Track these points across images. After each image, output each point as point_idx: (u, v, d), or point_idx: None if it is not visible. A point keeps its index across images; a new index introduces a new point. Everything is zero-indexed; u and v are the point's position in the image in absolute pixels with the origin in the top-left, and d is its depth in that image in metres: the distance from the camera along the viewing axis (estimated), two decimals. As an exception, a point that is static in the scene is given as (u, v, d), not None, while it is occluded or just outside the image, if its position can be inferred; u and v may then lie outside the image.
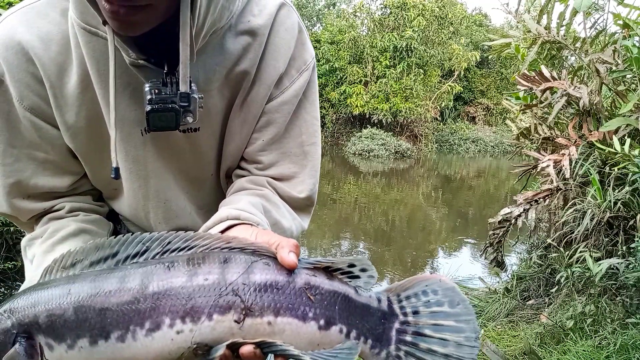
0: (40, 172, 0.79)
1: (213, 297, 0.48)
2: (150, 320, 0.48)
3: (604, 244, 2.85)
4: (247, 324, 0.49)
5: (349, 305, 0.52)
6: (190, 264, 0.50)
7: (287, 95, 0.85)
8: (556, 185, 3.19)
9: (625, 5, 3.08)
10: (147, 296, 0.48)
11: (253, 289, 0.49)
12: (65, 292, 0.50)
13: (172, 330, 0.48)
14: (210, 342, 0.48)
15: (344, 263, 0.53)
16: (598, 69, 2.98)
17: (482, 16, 24.79)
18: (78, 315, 0.49)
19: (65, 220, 0.82)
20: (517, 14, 3.67)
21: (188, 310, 0.48)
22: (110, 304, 0.49)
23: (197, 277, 0.49)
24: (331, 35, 18.70)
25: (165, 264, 0.50)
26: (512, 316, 3.51)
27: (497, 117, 21.75)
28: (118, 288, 0.49)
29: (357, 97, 17.67)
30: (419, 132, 19.03)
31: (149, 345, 0.48)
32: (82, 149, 0.79)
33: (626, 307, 2.60)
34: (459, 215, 8.62)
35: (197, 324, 0.48)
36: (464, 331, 0.51)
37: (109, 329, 0.48)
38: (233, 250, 0.52)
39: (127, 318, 0.48)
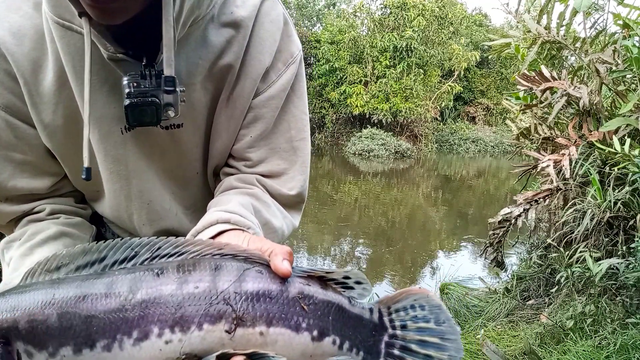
0: (18, 174, 0.75)
1: (204, 306, 0.47)
2: (138, 329, 0.46)
3: (604, 244, 2.85)
4: (239, 334, 0.47)
5: (342, 316, 0.51)
6: (180, 270, 0.49)
7: (275, 89, 0.82)
8: (556, 185, 3.19)
9: (625, 5, 3.08)
10: (136, 304, 0.46)
11: (245, 297, 0.48)
12: (49, 296, 0.47)
13: (160, 340, 0.46)
14: (200, 352, 0.47)
15: (339, 274, 0.52)
16: (598, 69, 2.98)
17: (482, 16, 24.79)
18: (62, 321, 0.46)
19: (45, 222, 0.79)
20: (517, 14, 3.67)
21: (177, 320, 0.46)
22: (97, 311, 0.46)
23: (188, 285, 0.48)
24: (331, 35, 18.70)
25: (155, 270, 0.48)
26: (512, 316, 3.51)
27: (497, 117, 21.75)
28: (105, 294, 0.47)
29: (357, 97, 17.67)
30: (419, 132, 19.03)
31: (136, 356, 0.46)
32: (60, 148, 0.76)
33: (626, 307, 2.60)
34: (459, 215, 8.62)
35: (187, 334, 0.46)
36: (448, 350, 0.51)
37: (95, 337, 0.46)
38: (225, 257, 0.51)
39: (114, 326, 0.46)
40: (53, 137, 0.74)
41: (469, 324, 3.66)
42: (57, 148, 0.76)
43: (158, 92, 0.65)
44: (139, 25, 0.62)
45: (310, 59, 20.10)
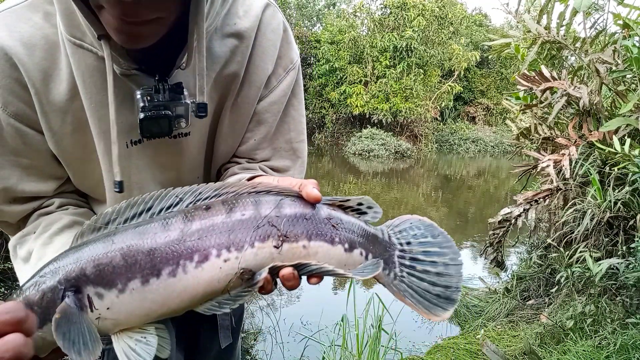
0: (25, 178, 0.77)
1: (252, 228, 0.54)
2: (199, 253, 0.52)
3: (604, 244, 2.85)
4: (285, 249, 0.55)
5: (364, 234, 0.60)
6: (225, 205, 0.55)
7: (276, 94, 0.86)
8: (556, 185, 3.19)
9: (625, 5, 3.08)
10: (193, 233, 0.53)
11: (286, 219, 0.55)
12: (108, 243, 0.52)
13: (219, 259, 0.53)
14: (254, 267, 0.54)
15: (354, 201, 0.61)
16: (598, 69, 2.98)
17: (482, 16, 24.79)
18: (127, 259, 0.51)
19: (57, 214, 0.81)
20: (517, 14, 3.67)
21: (232, 241, 0.53)
22: (158, 244, 0.52)
23: (235, 214, 0.55)
24: (331, 35, 18.69)
25: (203, 206, 0.55)
26: (512, 316, 3.51)
27: (497, 117, 21.76)
28: (163, 229, 0.53)
29: (357, 97, 17.67)
30: (419, 132, 19.02)
31: (199, 276, 0.52)
32: (67, 155, 0.78)
33: (626, 307, 2.60)
34: (459, 215, 8.62)
35: (242, 252, 0.53)
36: (448, 254, 0.63)
37: (160, 266, 0.51)
38: (260, 193, 0.58)
39: (176, 254, 0.52)
40: (60, 144, 0.76)
41: (469, 324, 3.66)
42: (63, 154, 0.77)
43: (171, 106, 0.69)
44: (156, 44, 0.64)
45: (310, 59, 20.10)
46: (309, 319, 3.63)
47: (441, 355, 2.95)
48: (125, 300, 0.52)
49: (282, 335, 3.34)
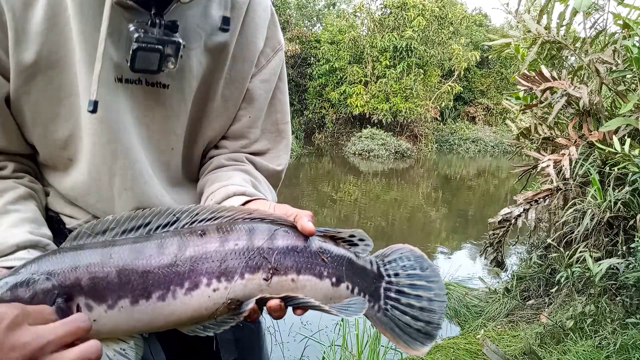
0: None
1: (244, 259, 0.55)
2: (190, 280, 0.53)
3: (604, 244, 2.85)
4: (274, 282, 0.56)
5: (352, 267, 0.60)
6: (220, 231, 0.56)
7: (266, 73, 0.87)
8: (556, 185, 3.19)
9: (625, 5, 3.08)
10: (186, 259, 0.54)
11: (277, 252, 0.56)
12: (106, 256, 0.53)
13: (209, 288, 0.54)
14: (242, 297, 0.55)
15: (346, 233, 0.62)
16: (598, 69, 2.98)
17: (482, 16, 24.79)
18: (121, 277, 0.52)
19: (11, 181, 0.76)
20: (517, 14, 3.67)
21: (223, 271, 0.54)
22: (152, 266, 0.53)
23: (229, 243, 0.55)
24: (331, 35, 18.69)
25: (198, 232, 0.56)
26: (512, 316, 3.51)
27: (497, 117, 21.76)
28: (158, 252, 0.53)
29: (357, 97, 17.67)
30: (419, 132, 19.03)
31: (188, 303, 0.53)
32: (35, 98, 0.71)
33: (626, 307, 2.60)
34: (459, 215, 8.62)
35: (231, 282, 0.54)
36: (434, 289, 0.62)
37: (151, 289, 0.52)
38: (255, 220, 0.59)
39: (167, 279, 0.53)
40: (30, 81, 0.71)
41: (469, 324, 3.66)
42: (31, 97, 0.72)
43: (164, 42, 0.68)
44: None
45: (310, 59, 20.10)
46: (309, 319, 3.63)
47: (441, 355, 2.95)
48: (113, 316, 0.52)
49: (282, 335, 3.33)
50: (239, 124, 0.87)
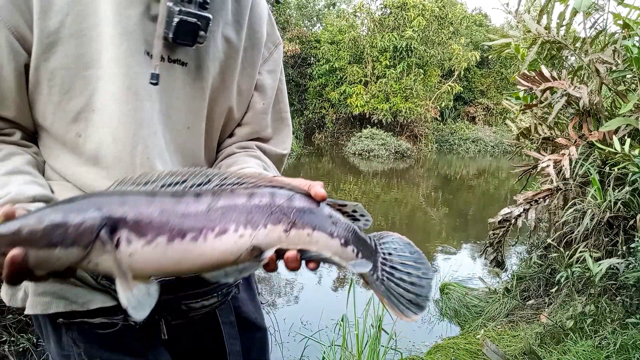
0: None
1: (267, 213, 0.62)
2: (220, 226, 0.60)
3: (604, 244, 2.85)
4: (292, 234, 0.63)
5: (356, 235, 0.69)
6: (247, 191, 0.64)
7: (271, 64, 0.95)
8: (556, 185, 3.19)
9: (625, 5, 3.08)
10: (217, 209, 0.61)
11: (295, 210, 0.64)
12: (150, 198, 0.59)
13: (236, 234, 0.60)
14: (263, 246, 0.62)
15: (350, 207, 0.70)
16: (598, 69, 2.98)
17: (482, 16, 24.78)
18: (161, 217, 0.58)
19: (19, 148, 0.78)
20: (517, 14, 3.67)
21: (248, 220, 0.61)
22: (188, 211, 0.59)
23: (254, 199, 0.63)
24: (331, 35, 18.69)
25: (229, 189, 0.64)
26: (512, 316, 3.51)
27: (497, 117, 21.75)
28: (194, 201, 0.60)
29: (357, 97, 17.67)
30: (419, 132, 19.02)
31: (216, 246, 0.60)
32: (53, 66, 0.74)
33: (626, 307, 2.60)
34: (459, 215, 8.62)
35: (255, 230, 0.61)
36: (421, 269, 0.71)
37: (186, 230, 0.59)
38: (275, 187, 0.66)
39: (201, 223, 0.59)
40: (51, 49, 0.73)
41: (469, 324, 3.66)
42: (51, 66, 0.74)
43: (198, 16, 0.75)
44: None
45: (310, 59, 20.10)
46: (308, 319, 3.63)
47: (441, 355, 2.95)
48: (148, 252, 0.58)
49: (282, 335, 3.34)
50: (252, 112, 0.94)
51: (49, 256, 0.54)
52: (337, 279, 4.82)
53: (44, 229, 0.54)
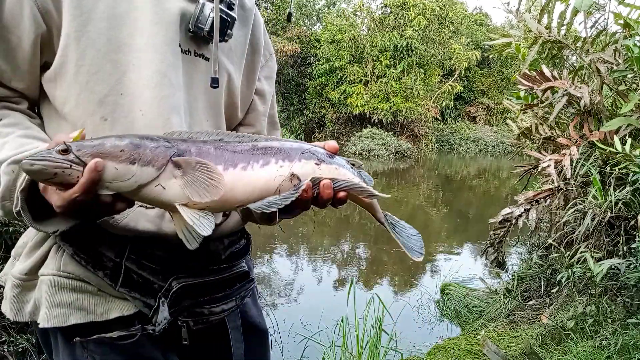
0: (4, 59, 0.75)
1: (299, 152, 0.74)
2: (263, 159, 0.71)
3: (605, 244, 2.84)
4: (323, 166, 0.75)
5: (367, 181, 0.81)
6: (278, 141, 0.75)
7: (267, 71, 1.04)
8: (557, 185, 3.19)
9: (626, 5, 3.07)
10: (259, 148, 0.72)
11: (321, 152, 0.76)
12: (204, 141, 0.69)
13: (276, 165, 0.71)
14: (300, 175, 0.72)
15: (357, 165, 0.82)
16: (599, 69, 2.97)
17: (483, 15, 24.78)
18: (217, 152, 0.68)
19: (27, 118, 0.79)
20: (518, 14, 3.66)
21: (285, 156, 0.73)
22: (237, 149, 0.70)
23: (286, 143, 0.74)
24: (331, 35, 18.69)
25: (264, 138, 0.75)
26: (513, 317, 3.50)
27: (497, 117, 21.75)
28: (239, 142, 0.72)
29: (357, 96, 17.66)
30: (420, 132, 19.02)
31: (261, 174, 0.70)
32: (84, 46, 0.74)
33: (627, 308, 2.59)
34: (459, 216, 8.61)
35: (292, 162, 0.72)
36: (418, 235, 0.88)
37: (237, 162, 0.69)
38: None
39: (248, 157, 0.70)
40: (81, 27, 0.74)
41: (470, 324, 3.66)
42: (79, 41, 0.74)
43: (228, 15, 0.83)
44: None
45: (310, 58, 20.09)
46: (308, 319, 3.63)
47: (442, 356, 2.95)
48: None
49: (281, 335, 3.33)
50: (255, 114, 1.02)
51: (126, 171, 0.60)
52: (337, 279, 4.81)
53: (125, 145, 0.61)
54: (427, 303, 4.20)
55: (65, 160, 0.57)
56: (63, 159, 0.57)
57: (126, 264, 0.79)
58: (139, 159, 0.61)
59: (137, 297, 0.80)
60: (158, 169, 0.62)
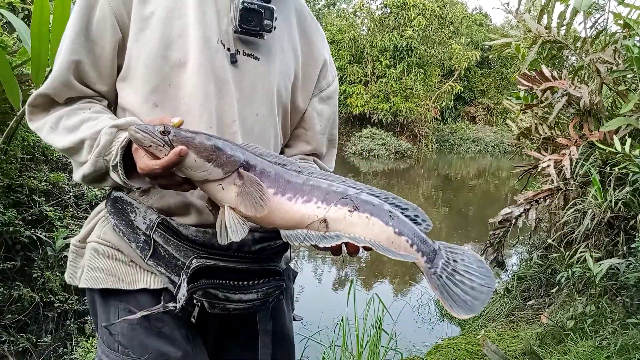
0: (92, 65, 0.88)
1: (340, 196, 0.80)
2: (307, 196, 0.79)
3: (605, 244, 2.85)
4: (355, 214, 0.79)
5: (414, 232, 0.81)
6: (329, 180, 0.83)
7: (330, 92, 1.09)
8: (557, 185, 3.19)
9: (626, 5, 3.07)
10: (309, 185, 0.81)
11: (360, 200, 0.80)
12: (271, 163, 0.81)
13: (315, 204, 0.79)
14: (331, 220, 0.79)
15: (412, 212, 0.84)
16: (598, 69, 2.97)
17: (483, 16, 24.78)
18: (276, 176, 0.80)
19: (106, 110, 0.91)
20: (518, 14, 3.67)
21: (325, 198, 0.80)
22: (292, 180, 0.80)
23: (332, 186, 0.81)
24: (331, 35, 18.68)
25: (319, 174, 0.84)
26: (513, 316, 3.51)
27: (497, 117, 21.75)
28: (296, 175, 0.81)
29: (357, 96, 17.67)
30: (419, 132, 19.02)
31: (299, 209, 0.79)
32: (142, 45, 0.86)
33: (627, 307, 2.60)
34: (459, 215, 8.62)
35: (329, 206, 0.79)
36: (485, 280, 0.81)
37: (286, 191, 0.79)
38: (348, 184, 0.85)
39: (296, 190, 0.80)
40: (140, 31, 0.86)
41: (470, 324, 3.66)
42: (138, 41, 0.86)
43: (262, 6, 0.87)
44: None
45: (311, 58, 20.06)
46: (309, 319, 3.63)
47: (441, 356, 2.95)
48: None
49: (282, 335, 3.32)
50: (312, 132, 1.08)
51: (202, 165, 0.75)
52: (337, 279, 4.81)
53: (209, 146, 0.75)
54: (427, 303, 4.20)
55: (161, 139, 0.72)
56: (160, 137, 0.72)
57: (154, 237, 0.87)
58: (215, 160, 0.75)
59: (163, 272, 0.87)
60: (225, 173, 0.76)
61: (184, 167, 0.74)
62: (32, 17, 1.64)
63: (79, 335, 2.24)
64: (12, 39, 2.58)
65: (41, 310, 2.25)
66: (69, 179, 2.89)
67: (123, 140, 0.79)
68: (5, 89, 1.74)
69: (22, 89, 1.99)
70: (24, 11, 3.32)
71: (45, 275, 2.27)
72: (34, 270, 2.27)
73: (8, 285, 2.20)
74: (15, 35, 2.51)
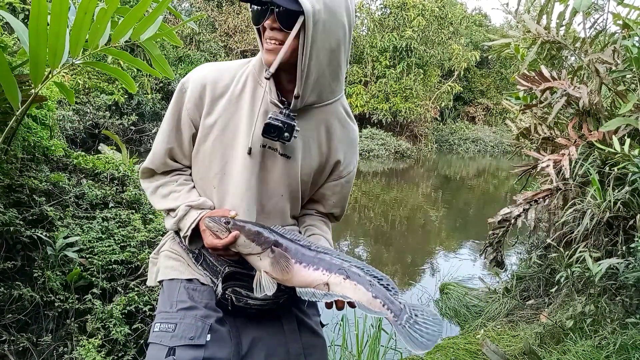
0: (179, 149, 1.27)
1: (338, 267, 1.10)
2: (315, 266, 1.10)
3: (604, 244, 2.85)
4: (347, 282, 1.08)
5: (386, 296, 1.08)
6: (329, 254, 1.13)
7: (347, 179, 1.37)
8: (556, 185, 3.19)
9: (625, 5, 3.08)
10: (317, 258, 1.11)
11: (352, 272, 1.09)
12: (291, 241, 1.13)
13: (321, 272, 1.09)
14: (331, 283, 1.08)
15: (385, 282, 1.10)
16: (598, 69, 2.98)
17: (482, 16, 24.79)
18: (295, 249, 1.11)
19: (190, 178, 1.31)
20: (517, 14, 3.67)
21: (328, 267, 1.10)
22: (306, 253, 1.12)
23: (333, 260, 1.11)
24: (331, 35, 18.66)
25: (323, 249, 1.14)
26: (512, 316, 3.51)
27: (496, 117, 21.77)
28: (309, 250, 1.13)
29: (357, 97, 17.67)
30: (419, 132, 19.03)
31: (310, 274, 1.09)
32: (206, 146, 1.21)
33: (626, 307, 2.60)
34: (458, 215, 8.62)
35: (330, 274, 1.09)
36: (437, 328, 1.08)
37: (302, 261, 1.10)
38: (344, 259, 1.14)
39: (309, 260, 1.11)
40: (207, 135, 1.21)
41: (469, 323, 3.67)
42: (205, 143, 1.22)
43: (284, 122, 1.13)
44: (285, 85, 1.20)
45: (310, 59, 20.05)
46: (308, 318, 3.62)
47: (441, 355, 2.95)
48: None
49: (281, 335, 3.32)
50: (324, 203, 1.39)
51: (247, 244, 1.10)
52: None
53: (254, 231, 1.10)
54: (427, 302, 4.20)
55: (224, 227, 1.09)
56: (224, 226, 1.09)
57: (203, 252, 1.26)
58: (256, 240, 1.10)
59: (208, 275, 1.25)
60: (263, 249, 1.10)
61: (236, 245, 1.10)
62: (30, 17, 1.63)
63: (80, 334, 2.24)
64: (12, 40, 2.58)
65: (41, 310, 2.25)
66: (69, 179, 2.89)
67: (193, 222, 1.18)
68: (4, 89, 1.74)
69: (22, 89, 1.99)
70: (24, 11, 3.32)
71: (45, 274, 2.27)
72: (35, 270, 2.28)
73: (8, 285, 2.20)
74: (16, 35, 2.51)
